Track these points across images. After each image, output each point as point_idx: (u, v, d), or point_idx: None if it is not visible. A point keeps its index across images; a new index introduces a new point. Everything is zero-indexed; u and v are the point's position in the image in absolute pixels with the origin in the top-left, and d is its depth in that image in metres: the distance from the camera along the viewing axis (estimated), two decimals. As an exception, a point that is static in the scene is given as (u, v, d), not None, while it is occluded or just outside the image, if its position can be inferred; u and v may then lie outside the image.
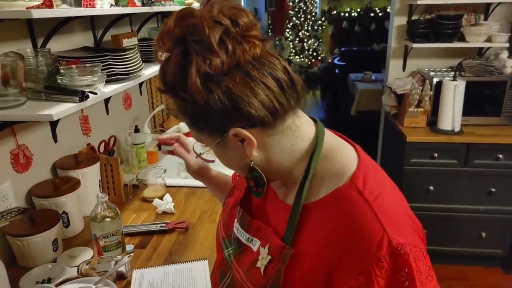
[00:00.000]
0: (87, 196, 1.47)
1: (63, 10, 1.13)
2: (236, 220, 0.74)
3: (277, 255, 0.61)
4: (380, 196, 0.58)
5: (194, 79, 0.55)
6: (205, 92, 0.56)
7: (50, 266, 1.19)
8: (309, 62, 7.98)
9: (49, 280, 1.14)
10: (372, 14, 7.87)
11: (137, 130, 1.87)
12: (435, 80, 2.53)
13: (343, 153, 0.65)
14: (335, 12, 8.24)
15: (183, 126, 1.97)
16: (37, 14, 0.96)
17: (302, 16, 8.00)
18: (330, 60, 6.77)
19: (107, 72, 1.30)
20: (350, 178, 0.60)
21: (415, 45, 2.62)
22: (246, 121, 0.58)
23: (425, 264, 0.55)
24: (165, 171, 1.69)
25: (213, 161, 0.83)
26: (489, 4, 2.67)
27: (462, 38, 2.61)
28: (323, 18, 8.37)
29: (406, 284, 0.53)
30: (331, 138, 0.66)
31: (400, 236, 0.54)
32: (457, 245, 2.59)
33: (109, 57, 1.34)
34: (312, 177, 0.62)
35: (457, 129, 2.45)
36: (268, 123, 0.60)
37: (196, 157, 0.77)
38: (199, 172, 1.03)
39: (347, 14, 8.09)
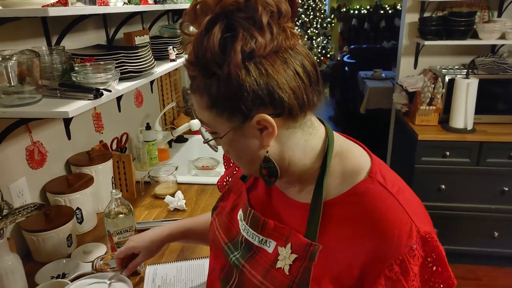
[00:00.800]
0: (100, 192, 1.48)
1: (78, 8, 1.14)
2: (243, 223, 0.72)
3: (302, 253, 0.60)
4: (401, 189, 0.61)
5: (237, 55, 0.54)
6: (243, 71, 0.55)
7: (64, 261, 1.20)
8: (318, 60, 7.94)
9: (63, 275, 1.15)
10: (382, 12, 7.80)
11: (148, 127, 1.88)
12: (447, 78, 2.50)
13: (354, 151, 0.67)
14: (344, 9, 8.19)
15: (194, 124, 1.98)
16: (53, 12, 0.96)
17: (311, 13, 7.97)
18: (339, 58, 6.74)
19: (120, 70, 1.31)
20: (368, 174, 0.62)
21: (427, 43, 2.59)
22: (274, 108, 0.58)
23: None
24: (176, 168, 1.70)
25: (216, 150, 0.80)
26: (503, 1, 2.63)
27: (475, 35, 2.57)
28: (332, 16, 8.32)
29: (434, 269, 0.57)
30: (340, 138, 0.68)
31: (424, 226, 0.57)
32: (468, 244, 2.57)
33: (122, 54, 1.35)
34: (327, 175, 0.63)
35: (469, 127, 2.43)
36: (294, 115, 0.60)
37: (204, 142, 0.72)
38: (159, 247, 1.01)
39: (356, 12, 8.03)
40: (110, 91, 1.18)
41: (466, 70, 2.44)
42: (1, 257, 0.97)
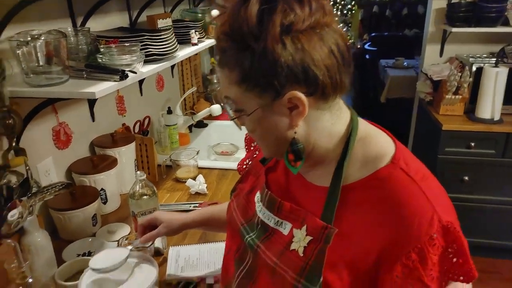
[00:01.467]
0: (123, 174, 1.50)
1: (105, -12, 1.13)
2: (260, 204, 0.72)
3: (317, 236, 0.60)
4: (425, 177, 0.60)
5: (275, 28, 0.53)
6: (280, 46, 0.54)
7: (90, 240, 1.23)
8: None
9: (89, 253, 1.18)
10: (404, -1, 7.59)
11: (169, 111, 1.89)
12: (475, 66, 2.43)
13: (379, 137, 0.66)
14: (365, -4, 8.00)
15: (215, 109, 1.97)
16: (82, -9, 0.96)
17: (331, 0, 7.82)
18: (359, 46, 6.61)
19: (144, 52, 1.31)
20: (391, 160, 0.60)
21: (454, 30, 2.51)
22: (308, 86, 0.57)
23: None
24: (197, 152, 1.70)
25: (240, 129, 0.77)
26: (536, -14, 2.52)
27: (506, 23, 2.48)
28: (353, 3, 8.15)
29: (454, 261, 0.55)
30: (365, 123, 0.68)
31: (446, 215, 0.56)
32: (490, 237, 2.52)
33: (146, 37, 1.35)
34: (348, 159, 0.62)
35: (496, 118, 2.36)
36: (326, 95, 0.59)
37: (231, 119, 0.65)
38: (180, 228, 1.00)
39: (378, -1, 7.83)
40: (135, 72, 1.18)
41: (495, 59, 2.36)
42: (32, 233, 0.99)
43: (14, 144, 1.11)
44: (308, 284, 0.58)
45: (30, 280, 0.93)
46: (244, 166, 0.93)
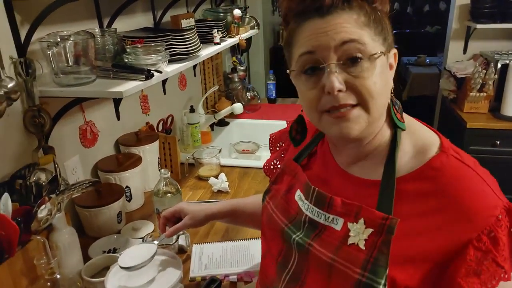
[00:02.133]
0: (147, 172, 1.52)
1: (131, -11, 1.15)
2: (306, 202, 0.70)
3: (378, 227, 0.59)
4: (476, 163, 0.61)
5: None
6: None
7: (115, 237, 1.25)
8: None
9: (114, 250, 1.20)
10: (426, -5, 7.43)
11: (192, 110, 1.91)
12: (500, 63, 2.36)
13: (421, 127, 0.67)
14: (386, -8, 7.88)
15: (237, 107, 1.98)
16: (109, -7, 0.98)
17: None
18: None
19: (168, 52, 1.32)
20: (441, 149, 0.61)
21: (479, 26, 2.45)
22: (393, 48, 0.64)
23: None
24: (220, 150, 1.72)
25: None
26: None
27: (533, 18, 2.41)
28: None
29: None
30: (405, 115, 0.67)
31: (503, 197, 0.58)
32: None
33: (170, 37, 1.37)
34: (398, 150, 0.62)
35: (523, 116, 2.29)
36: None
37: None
38: (205, 219, 0.97)
39: (399, -5, 7.69)
40: (161, 72, 1.20)
41: (522, 55, 2.30)
42: (60, 230, 1.02)
43: (43, 142, 1.14)
44: (373, 277, 0.57)
45: (58, 276, 0.95)
46: (272, 167, 0.91)
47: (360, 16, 0.58)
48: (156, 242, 0.94)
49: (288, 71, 0.66)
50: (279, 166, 0.88)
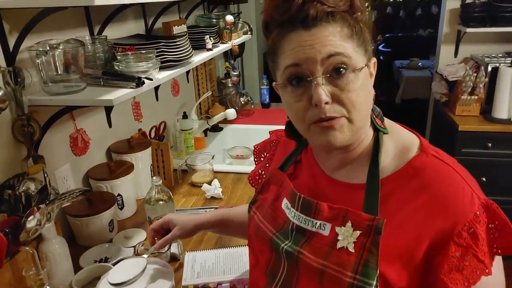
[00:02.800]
0: (139, 179, 1.52)
1: (121, -3, 1.15)
2: (293, 210, 0.70)
3: (366, 229, 0.60)
4: (455, 162, 0.63)
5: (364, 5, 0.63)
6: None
7: (107, 245, 1.24)
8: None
9: (106, 259, 1.19)
10: (418, -2, 7.49)
11: (185, 116, 1.90)
12: (490, 66, 2.39)
13: (400, 129, 0.69)
14: (378, -3, 7.93)
15: (230, 113, 1.98)
16: (99, 1, 0.98)
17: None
18: (373, 47, 6.57)
19: (160, 59, 1.32)
20: (420, 149, 0.64)
21: (469, 30, 2.47)
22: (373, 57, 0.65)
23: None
24: (213, 157, 1.71)
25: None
26: (554, -16, 2.47)
27: (522, 21, 2.43)
28: (366, 4, 8.07)
29: (497, 235, 0.58)
30: (385, 119, 0.70)
31: (481, 194, 0.60)
32: (510, 240, 2.46)
33: (161, 44, 1.37)
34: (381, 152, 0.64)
35: (514, 118, 2.31)
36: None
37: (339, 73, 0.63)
38: (194, 229, 0.96)
39: (391, -1, 7.75)
40: (151, 79, 1.20)
41: (510, 59, 2.32)
42: (49, 240, 1.01)
43: (33, 151, 1.13)
44: (365, 279, 0.58)
45: (48, 287, 0.94)
46: (257, 178, 0.91)
47: (343, 29, 0.59)
48: (145, 255, 0.93)
49: (274, 83, 0.67)
50: (264, 176, 0.88)
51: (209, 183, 1.61)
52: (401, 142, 0.66)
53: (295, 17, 0.59)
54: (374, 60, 0.65)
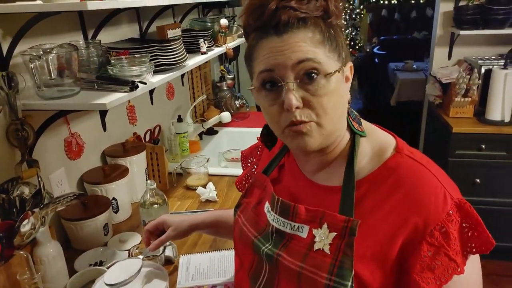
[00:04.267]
0: (134, 183, 1.52)
1: (115, 2, 1.16)
2: (272, 213, 0.71)
3: (341, 230, 0.61)
4: (430, 161, 0.64)
5: (339, 9, 0.63)
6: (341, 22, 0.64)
7: (102, 249, 1.24)
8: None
9: (101, 263, 1.19)
10: (413, 1, 7.55)
11: (180, 119, 1.91)
12: (483, 68, 2.41)
13: (377, 131, 0.70)
14: (374, 0, 7.98)
15: (225, 116, 1.99)
16: (92, 6, 0.99)
17: (340, 4, 7.80)
18: (368, 49, 6.59)
19: (154, 63, 1.33)
20: (395, 150, 0.65)
21: (462, 32, 2.49)
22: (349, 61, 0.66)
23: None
24: (208, 160, 1.72)
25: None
26: (545, -13, 2.50)
27: (514, 24, 2.46)
28: (362, 7, 8.12)
29: (470, 234, 0.59)
30: (362, 121, 0.71)
31: (456, 193, 0.60)
32: (503, 240, 2.46)
33: (156, 47, 1.37)
34: (357, 154, 0.65)
35: (507, 119, 2.33)
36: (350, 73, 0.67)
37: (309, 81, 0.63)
38: (189, 230, 0.97)
39: (386, 2, 7.81)
40: (145, 83, 1.20)
41: (504, 61, 2.34)
42: (44, 244, 1.01)
43: (27, 156, 1.13)
44: (340, 280, 0.59)
45: (44, 290, 0.94)
46: (244, 183, 0.93)
47: (315, 34, 0.60)
48: (141, 256, 0.94)
49: (249, 87, 0.68)
50: (250, 181, 0.89)
51: (204, 186, 1.62)
52: (377, 143, 0.67)
53: (268, 23, 0.60)
54: (350, 64, 0.66)
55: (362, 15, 8.16)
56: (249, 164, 0.92)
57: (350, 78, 0.66)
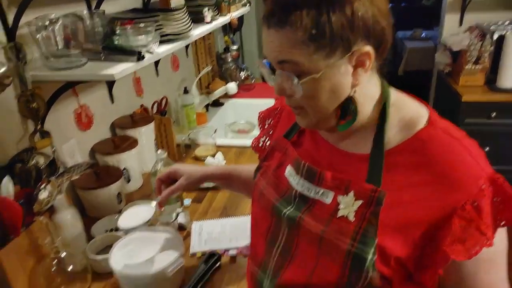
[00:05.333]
0: (143, 154, 1.54)
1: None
2: (297, 177, 0.71)
3: (368, 199, 0.61)
4: (463, 134, 0.63)
5: None
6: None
7: (116, 217, 1.27)
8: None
9: (116, 230, 1.22)
10: (422, -34, 7.30)
11: (186, 91, 1.91)
12: (496, 34, 2.35)
13: (410, 101, 0.67)
14: (381, -34, 7.72)
15: (231, 87, 1.98)
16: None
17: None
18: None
19: (158, 33, 1.31)
20: (428, 122, 0.63)
21: (474, -3, 2.43)
22: (375, 41, 0.59)
23: None
24: (215, 131, 1.73)
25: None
26: None
27: (529, -14, 2.38)
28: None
29: (501, 207, 0.59)
30: (393, 89, 0.68)
31: (488, 168, 0.60)
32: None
33: (160, 17, 1.36)
34: (387, 123, 0.63)
35: (519, 86, 2.30)
36: (383, 52, 0.62)
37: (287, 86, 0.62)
38: (201, 179, 0.96)
39: (394, -32, 7.56)
40: (152, 53, 1.20)
41: (517, 25, 2.29)
42: (62, 210, 1.04)
43: (39, 127, 1.15)
44: (363, 247, 0.59)
45: (63, 254, 0.98)
46: (260, 145, 0.92)
47: (296, 33, 0.56)
48: (153, 203, 0.94)
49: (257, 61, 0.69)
50: (267, 143, 0.89)
51: (213, 156, 1.63)
52: (408, 114, 0.64)
53: (266, 13, 0.60)
54: (364, 50, 0.58)
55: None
56: (266, 126, 0.91)
57: (368, 64, 0.59)
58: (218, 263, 1.07)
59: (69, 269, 1.00)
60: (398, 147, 0.62)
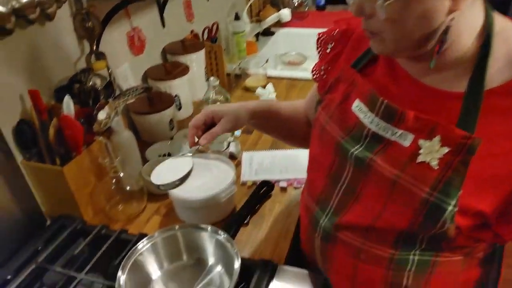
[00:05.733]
0: (194, 81, 1.52)
1: None
2: (371, 115, 0.63)
3: (457, 147, 0.54)
4: None
5: None
6: None
7: (169, 142, 1.30)
8: None
9: (169, 154, 1.25)
10: None
11: (237, 17, 1.82)
12: None
13: None
14: None
15: (284, 14, 1.87)
16: None
17: None
18: None
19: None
20: None
21: None
22: None
23: None
24: (267, 60, 1.66)
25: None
26: None
27: None
28: None
29: None
30: (499, 16, 0.56)
31: None
32: None
33: None
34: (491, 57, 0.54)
35: None
36: None
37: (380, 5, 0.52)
38: (243, 115, 0.83)
39: None
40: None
41: None
42: (119, 132, 1.06)
43: (95, 47, 1.14)
44: (443, 197, 0.54)
45: (121, 174, 1.01)
46: (322, 73, 0.81)
47: None
48: (190, 154, 0.82)
49: None
50: (329, 71, 0.79)
51: (263, 87, 1.59)
52: None
53: None
54: None
55: None
56: (327, 51, 0.80)
57: None
58: (271, 192, 1.08)
59: (127, 189, 1.04)
60: (501, 87, 0.53)
